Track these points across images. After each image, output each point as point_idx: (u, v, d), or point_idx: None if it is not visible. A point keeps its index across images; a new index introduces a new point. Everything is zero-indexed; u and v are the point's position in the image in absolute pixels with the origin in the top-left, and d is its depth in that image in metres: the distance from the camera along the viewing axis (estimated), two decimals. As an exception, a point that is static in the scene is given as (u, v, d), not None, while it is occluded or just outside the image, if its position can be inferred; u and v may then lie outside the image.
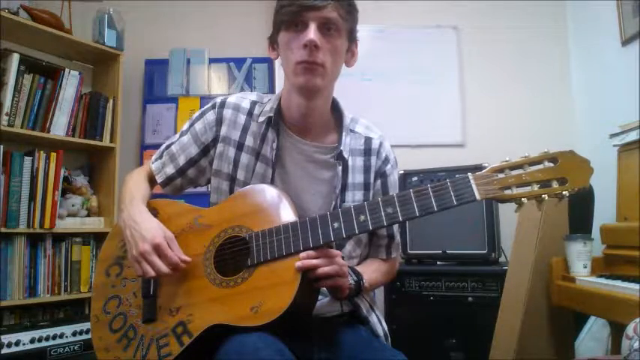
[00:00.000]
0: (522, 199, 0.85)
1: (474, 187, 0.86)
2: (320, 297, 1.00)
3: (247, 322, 0.87)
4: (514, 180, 0.86)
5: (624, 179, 1.63)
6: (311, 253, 0.90)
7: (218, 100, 1.14)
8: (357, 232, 0.90)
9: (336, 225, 0.90)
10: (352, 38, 1.08)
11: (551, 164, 0.85)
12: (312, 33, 0.97)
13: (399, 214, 0.88)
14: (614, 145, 1.69)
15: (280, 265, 0.91)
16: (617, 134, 1.69)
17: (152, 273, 0.95)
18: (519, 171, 0.86)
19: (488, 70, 2.59)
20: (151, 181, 1.17)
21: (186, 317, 0.95)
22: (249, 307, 0.89)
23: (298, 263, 0.88)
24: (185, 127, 1.16)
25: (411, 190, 0.89)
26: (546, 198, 0.85)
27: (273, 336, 0.86)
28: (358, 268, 1.06)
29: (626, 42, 2.08)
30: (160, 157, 1.17)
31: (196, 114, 1.16)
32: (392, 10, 2.63)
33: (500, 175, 0.86)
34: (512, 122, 2.53)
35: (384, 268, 1.16)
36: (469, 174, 0.87)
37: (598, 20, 2.33)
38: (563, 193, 0.84)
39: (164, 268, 0.95)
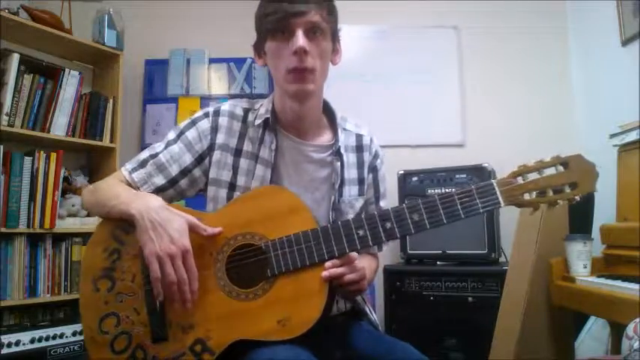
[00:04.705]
0: (541, 204, 0.89)
1: (499, 193, 0.88)
2: None
3: (276, 336, 0.85)
4: (532, 185, 0.89)
5: (624, 179, 1.63)
6: (336, 261, 0.89)
7: (211, 108, 1.12)
8: (384, 240, 0.90)
9: (361, 233, 0.90)
10: (335, 37, 1.09)
11: (562, 168, 0.89)
12: (300, 40, 0.97)
13: (427, 221, 0.88)
14: (614, 145, 1.69)
15: (304, 276, 0.89)
16: (617, 134, 1.69)
17: (174, 278, 0.88)
18: (535, 175, 0.90)
19: (488, 70, 2.59)
20: None
21: (204, 334, 0.90)
22: (275, 320, 0.86)
23: (325, 273, 0.88)
24: (172, 136, 1.09)
25: (436, 196, 0.89)
26: (561, 203, 0.89)
27: (302, 347, 0.85)
28: None
29: (626, 42, 2.08)
30: (142, 166, 1.07)
31: (185, 123, 1.10)
32: (392, 11, 2.63)
33: (520, 180, 0.90)
34: (512, 122, 2.53)
35: (374, 266, 1.18)
36: (493, 180, 0.90)
37: (598, 20, 2.32)
38: (575, 197, 0.89)
39: (187, 280, 0.89)
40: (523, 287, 1.68)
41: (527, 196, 0.89)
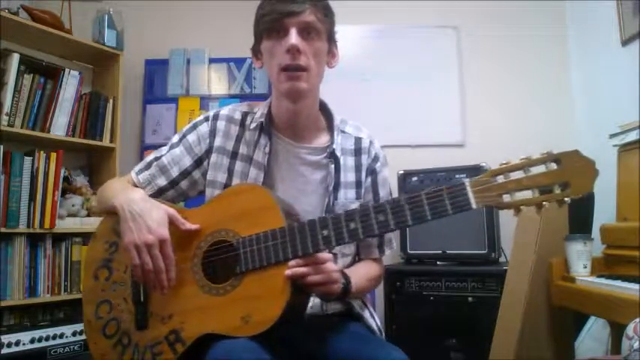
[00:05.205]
0: (521, 206, 0.81)
1: (470, 194, 0.82)
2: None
3: (239, 333, 0.87)
4: (513, 185, 0.80)
5: (624, 179, 1.63)
6: (300, 261, 0.88)
7: (210, 113, 1.16)
8: (346, 240, 0.89)
9: (325, 232, 0.88)
10: (332, 40, 1.10)
11: (554, 165, 0.80)
12: (293, 38, 0.99)
13: (391, 222, 0.85)
14: (614, 145, 1.69)
15: (269, 274, 0.90)
16: (617, 134, 1.69)
17: (151, 266, 0.93)
18: (519, 174, 0.81)
19: (488, 70, 2.59)
20: None
21: (178, 325, 0.94)
22: (239, 316, 0.88)
23: (287, 272, 0.87)
24: (175, 139, 1.15)
25: (403, 196, 0.86)
26: (547, 205, 0.80)
27: (261, 345, 0.85)
28: (349, 271, 1.05)
29: (626, 42, 2.08)
30: (147, 168, 1.14)
31: (187, 127, 1.16)
32: (392, 10, 2.63)
33: (499, 180, 0.81)
34: (512, 122, 2.53)
35: (373, 273, 1.14)
36: (465, 180, 0.83)
37: (598, 20, 2.32)
38: (565, 199, 0.79)
39: (164, 268, 0.94)
40: (523, 287, 1.68)
41: (507, 198, 0.80)
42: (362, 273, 1.10)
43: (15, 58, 2.06)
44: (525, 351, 1.64)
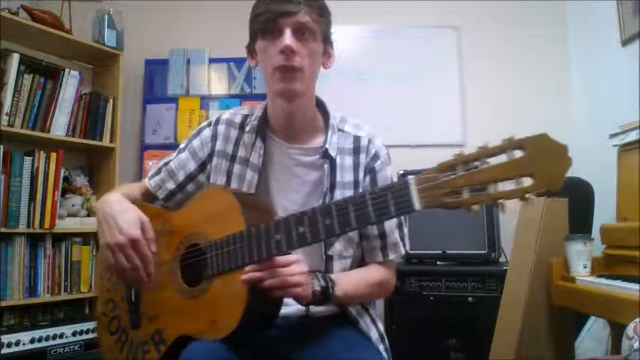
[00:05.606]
0: (473, 206, 0.69)
1: (414, 194, 0.74)
2: None
3: (208, 336, 0.88)
4: (464, 181, 0.70)
5: (624, 179, 1.63)
6: (254, 266, 0.87)
7: (214, 117, 1.19)
8: (296, 245, 0.85)
9: (278, 237, 0.86)
10: (327, 40, 1.10)
11: (522, 153, 0.67)
12: (287, 39, 0.99)
13: (336, 226, 0.81)
14: (614, 145, 1.69)
15: (232, 278, 0.90)
16: (617, 134, 1.69)
17: (126, 265, 0.95)
18: (476, 165, 0.70)
19: (488, 70, 2.59)
20: (144, 195, 1.17)
21: (161, 326, 0.98)
22: (208, 320, 0.90)
23: (243, 277, 0.87)
24: (183, 145, 1.19)
25: (350, 197, 0.81)
26: (505, 203, 0.68)
27: (228, 347, 0.87)
28: (339, 275, 1.03)
29: (626, 42, 2.08)
30: (158, 173, 1.18)
31: (193, 132, 1.19)
32: (391, 10, 2.63)
33: (450, 175, 0.71)
34: (512, 122, 2.50)
35: (376, 278, 1.09)
36: (410, 178, 0.74)
37: (598, 20, 2.32)
38: (526, 196, 0.66)
39: (140, 265, 0.95)
40: (523, 287, 1.68)
41: (456, 197, 0.70)
42: (356, 277, 1.06)
43: (15, 58, 2.06)
44: (525, 351, 1.64)
